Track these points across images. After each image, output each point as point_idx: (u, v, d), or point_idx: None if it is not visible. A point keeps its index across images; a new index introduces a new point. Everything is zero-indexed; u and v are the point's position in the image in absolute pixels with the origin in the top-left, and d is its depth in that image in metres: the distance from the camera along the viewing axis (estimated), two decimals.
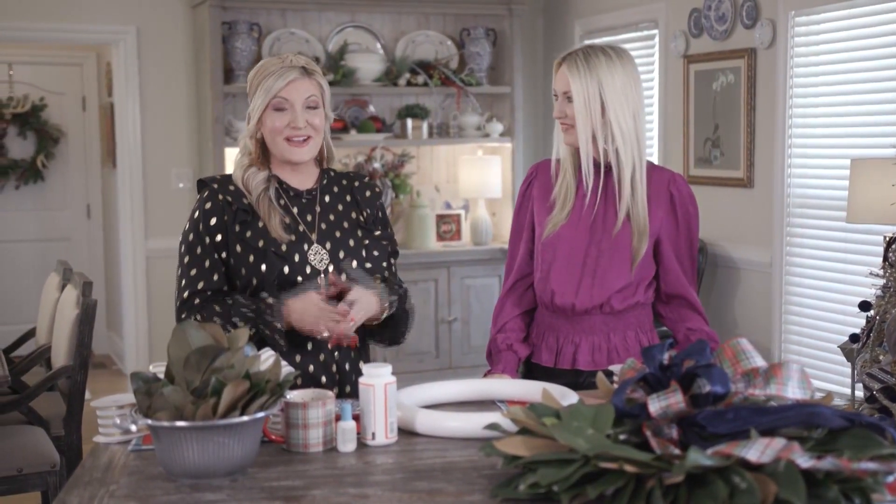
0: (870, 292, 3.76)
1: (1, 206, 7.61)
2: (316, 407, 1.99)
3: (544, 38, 6.85)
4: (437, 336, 6.21)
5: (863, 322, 3.73)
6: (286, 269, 2.46)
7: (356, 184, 2.65)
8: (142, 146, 6.24)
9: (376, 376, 2.04)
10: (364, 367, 2.05)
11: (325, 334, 2.39)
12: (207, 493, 1.77)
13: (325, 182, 2.60)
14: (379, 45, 6.39)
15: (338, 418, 2.03)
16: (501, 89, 6.48)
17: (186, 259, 2.48)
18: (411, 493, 1.76)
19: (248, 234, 2.47)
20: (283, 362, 2.08)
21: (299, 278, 2.46)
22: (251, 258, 2.46)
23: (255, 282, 2.46)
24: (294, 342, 2.48)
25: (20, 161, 7.57)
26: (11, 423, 3.86)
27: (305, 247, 2.50)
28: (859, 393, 3.51)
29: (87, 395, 4.09)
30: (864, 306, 3.45)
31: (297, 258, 2.47)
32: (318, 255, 2.50)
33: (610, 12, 6.14)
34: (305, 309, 2.39)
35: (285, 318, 2.40)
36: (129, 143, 6.23)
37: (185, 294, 2.46)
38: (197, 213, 2.50)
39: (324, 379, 2.51)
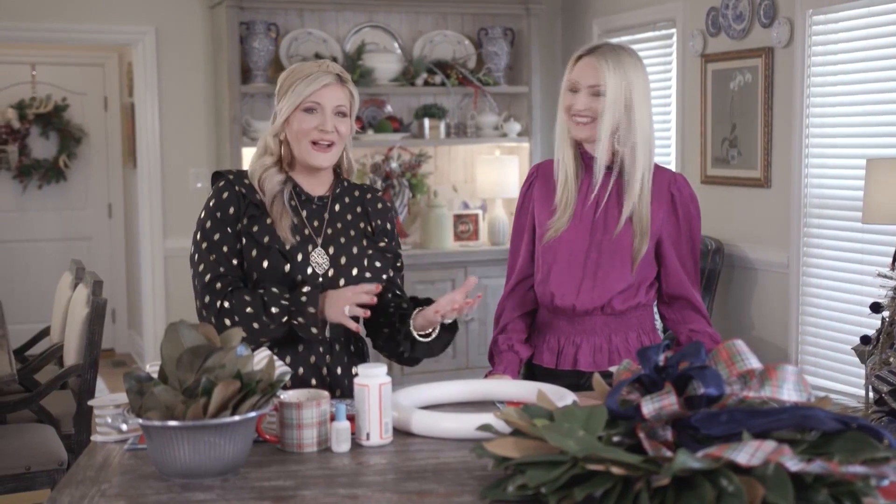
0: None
1: (24, 205, 7.67)
2: (310, 407, 1.99)
3: (562, 37, 6.83)
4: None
5: (879, 323, 3.69)
6: (287, 268, 2.47)
7: (368, 196, 2.68)
8: (160, 146, 6.27)
9: (371, 377, 2.04)
10: (359, 368, 2.05)
11: (346, 310, 2.39)
12: (198, 492, 1.77)
13: (338, 191, 2.63)
14: (396, 45, 6.39)
15: (333, 418, 2.03)
16: (519, 89, 6.46)
17: (204, 245, 2.49)
18: (401, 494, 1.76)
19: (255, 228, 2.49)
20: (278, 362, 2.08)
21: (299, 277, 2.48)
22: (254, 253, 2.48)
23: (255, 276, 2.48)
24: (285, 343, 2.49)
25: (43, 161, 7.63)
26: (23, 420, 3.90)
27: (309, 247, 2.51)
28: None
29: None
30: (875, 308, 3.41)
31: (299, 258, 2.49)
32: (320, 258, 2.51)
33: (628, 11, 6.12)
34: (338, 293, 2.42)
35: (320, 304, 2.41)
36: (148, 143, 6.27)
37: (207, 278, 2.47)
38: (213, 202, 2.52)
39: (314, 381, 2.52)
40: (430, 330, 2.54)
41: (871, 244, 4.56)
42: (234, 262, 2.48)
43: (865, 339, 3.35)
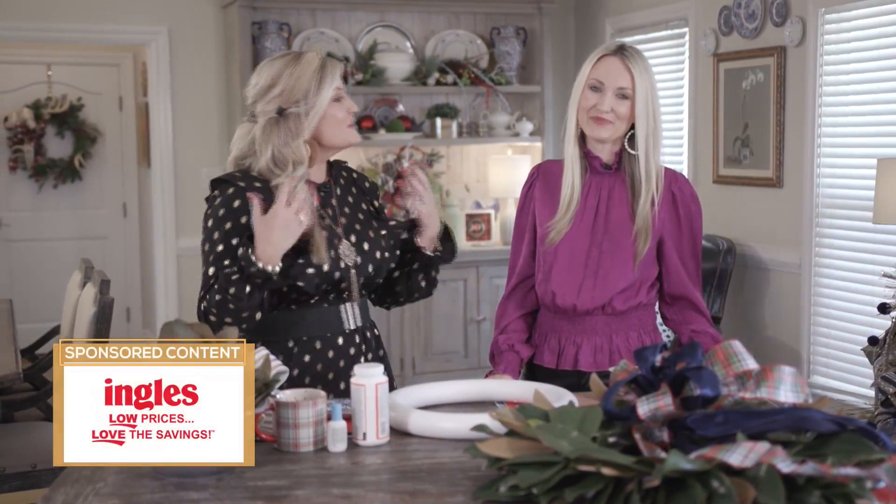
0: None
1: (39, 205, 7.71)
2: (306, 406, 1.99)
3: (575, 36, 6.81)
4: (465, 335, 6.19)
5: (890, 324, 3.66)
6: (325, 267, 2.44)
7: (355, 175, 2.67)
8: (173, 145, 6.29)
9: (368, 376, 2.03)
10: (356, 368, 2.05)
11: (302, 218, 2.32)
12: (191, 491, 1.77)
13: (333, 174, 2.60)
14: (409, 45, 6.39)
15: (329, 418, 2.03)
16: (531, 88, 6.45)
17: (212, 258, 2.43)
18: (394, 494, 1.75)
19: None
20: (275, 361, 2.08)
21: (336, 274, 2.45)
22: (289, 257, 2.40)
23: (296, 281, 2.43)
24: (306, 347, 2.48)
25: (58, 160, 7.68)
26: (31, 419, 3.92)
27: (335, 241, 2.49)
28: None
29: None
30: (883, 308, 3.39)
31: (332, 254, 2.46)
32: (348, 249, 2.50)
33: (640, 10, 6.10)
34: (266, 234, 2.31)
35: (257, 256, 2.30)
36: (161, 143, 6.29)
37: (200, 294, 2.42)
38: (222, 212, 2.42)
39: (331, 375, 2.51)
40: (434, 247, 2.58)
41: (882, 244, 4.53)
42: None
43: (873, 340, 3.32)
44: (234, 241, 2.39)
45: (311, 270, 2.41)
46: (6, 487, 3.50)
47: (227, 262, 2.39)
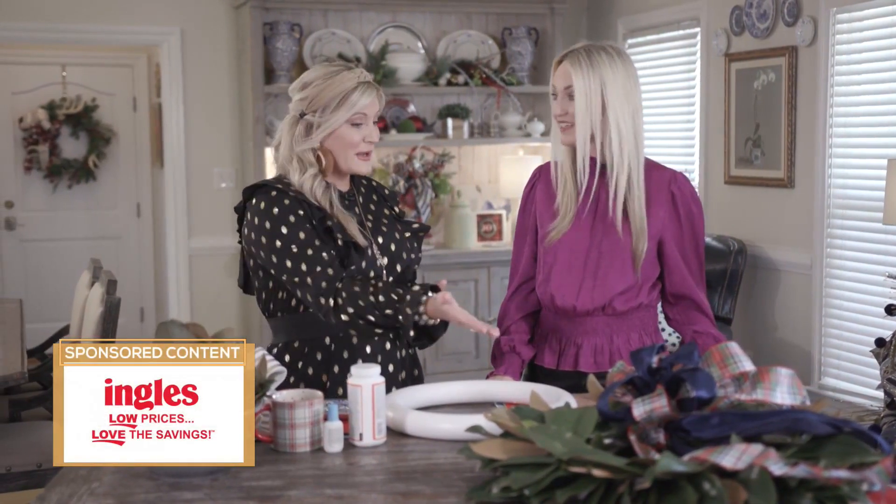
0: None
1: (54, 205, 7.75)
2: (303, 407, 1.99)
3: (587, 36, 6.79)
4: (476, 336, 6.18)
5: None
6: (363, 264, 2.48)
7: (374, 183, 2.72)
8: (186, 146, 6.31)
9: (364, 377, 2.04)
10: (353, 368, 2.06)
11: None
12: (186, 491, 1.78)
13: (354, 183, 2.65)
14: (420, 45, 6.39)
15: (326, 418, 2.03)
16: (543, 89, 6.43)
17: (295, 249, 2.42)
18: (387, 495, 1.75)
19: (325, 230, 2.48)
20: (273, 362, 2.09)
21: (371, 273, 2.49)
22: (333, 252, 2.45)
23: None
24: (343, 344, 2.50)
25: (72, 161, 7.71)
26: (38, 418, 3.94)
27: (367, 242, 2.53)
28: None
29: None
30: (890, 310, 3.37)
31: (369, 253, 2.51)
32: (376, 253, 2.54)
33: (652, 10, 6.08)
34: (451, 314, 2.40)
35: (428, 313, 2.37)
36: (174, 143, 6.31)
37: (309, 280, 2.40)
38: (278, 210, 2.45)
39: (391, 368, 2.56)
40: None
41: (892, 245, 4.51)
42: (331, 253, 2.43)
43: (880, 342, 3.30)
44: (308, 226, 2.44)
45: (352, 267, 2.46)
46: (12, 486, 3.52)
47: (317, 265, 2.40)
